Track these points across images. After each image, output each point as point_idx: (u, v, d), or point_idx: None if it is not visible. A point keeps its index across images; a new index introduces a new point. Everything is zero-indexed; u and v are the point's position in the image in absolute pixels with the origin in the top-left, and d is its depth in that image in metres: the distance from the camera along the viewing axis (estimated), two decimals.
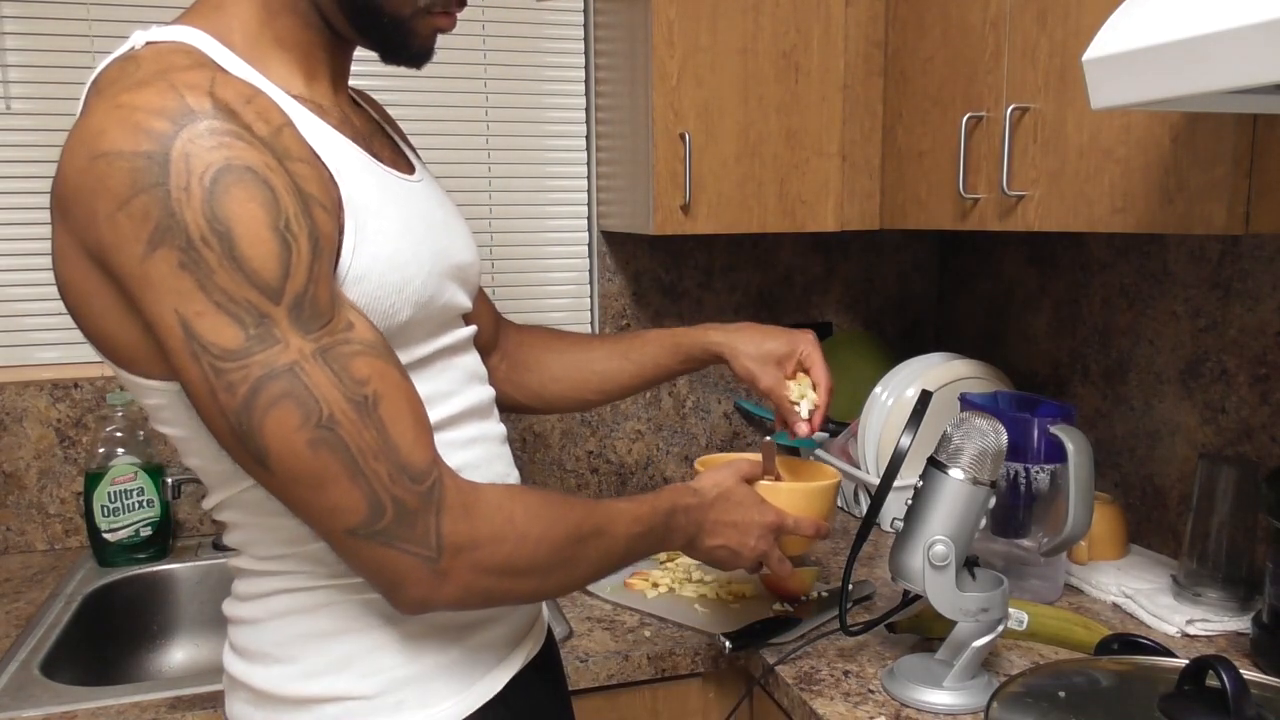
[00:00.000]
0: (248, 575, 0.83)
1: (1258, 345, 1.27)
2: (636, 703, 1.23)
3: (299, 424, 0.68)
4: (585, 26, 1.73)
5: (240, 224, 0.66)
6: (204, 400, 0.68)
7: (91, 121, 0.67)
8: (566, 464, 1.79)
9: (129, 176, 0.65)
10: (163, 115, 0.65)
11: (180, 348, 0.67)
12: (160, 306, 0.67)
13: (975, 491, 1.01)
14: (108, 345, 0.74)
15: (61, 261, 0.72)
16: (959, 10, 1.32)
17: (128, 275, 0.67)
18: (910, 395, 1.55)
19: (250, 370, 0.67)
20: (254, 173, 0.67)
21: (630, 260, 1.78)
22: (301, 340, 0.68)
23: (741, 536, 0.99)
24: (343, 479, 0.69)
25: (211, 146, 0.66)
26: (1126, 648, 1.09)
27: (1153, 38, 0.72)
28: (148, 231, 0.65)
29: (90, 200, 0.66)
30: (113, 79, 0.72)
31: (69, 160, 0.68)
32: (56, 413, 1.55)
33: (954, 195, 1.34)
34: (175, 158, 0.65)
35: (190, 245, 0.65)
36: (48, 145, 1.52)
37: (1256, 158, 0.94)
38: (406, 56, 0.87)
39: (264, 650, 0.82)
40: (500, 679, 0.87)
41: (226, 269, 0.66)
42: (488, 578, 0.75)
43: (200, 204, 0.65)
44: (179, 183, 0.65)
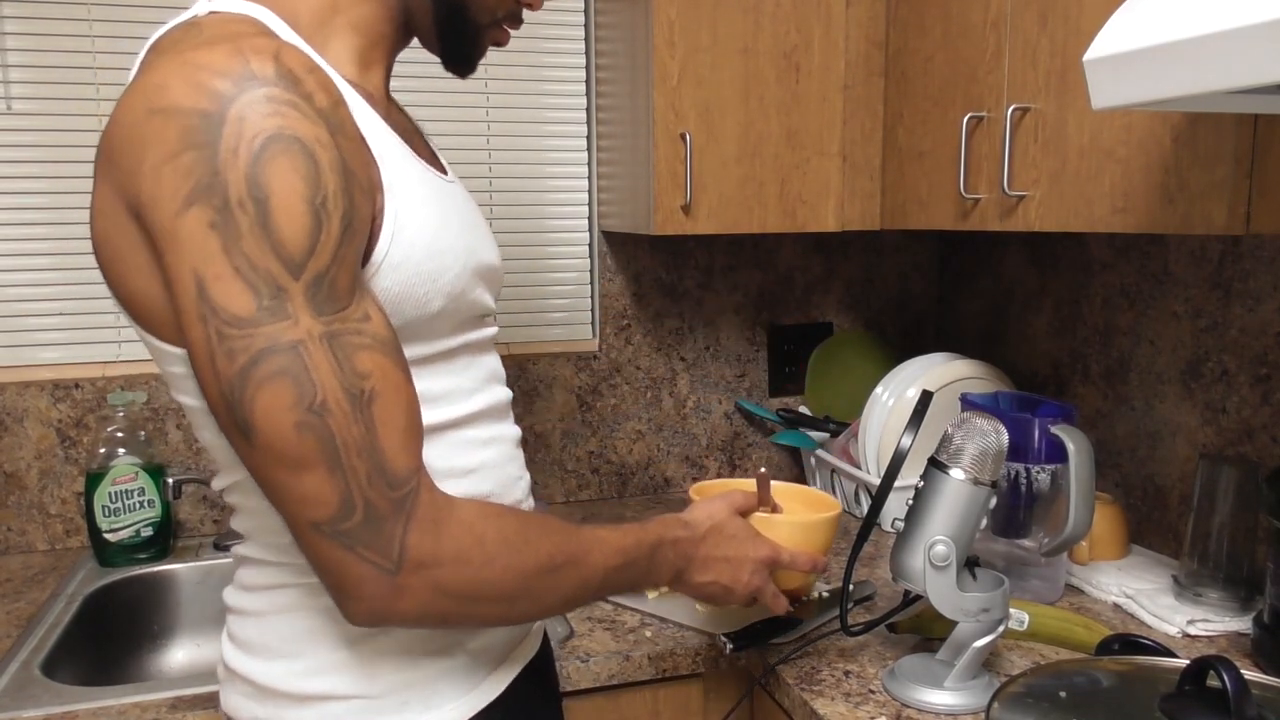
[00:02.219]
0: (254, 564, 0.82)
1: (1258, 345, 1.27)
2: (637, 703, 1.23)
3: (290, 404, 0.67)
4: (585, 26, 1.73)
5: (278, 194, 0.66)
6: (202, 364, 0.67)
7: (154, 76, 0.68)
8: (567, 464, 1.79)
9: (183, 132, 0.65)
10: (226, 76, 0.66)
11: (190, 307, 0.67)
12: (181, 264, 0.66)
13: (976, 492, 1.01)
14: (135, 306, 0.74)
15: (100, 216, 0.73)
16: (960, 10, 1.32)
17: (159, 229, 0.67)
18: (911, 395, 1.55)
19: (254, 341, 0.66)
20: (302, 145, 0.67)
21: (631, 260, 1.78)
22: (312, 321, 0.67)
23: (734, 572, 0.95)
24: (320, 468, 0.68)
25: (267, 113, 0.66)
26: (1127, 648, 1.09)
27: (1153, 38, 0.72)
28: (188, 187, 0.65)
29: (139, 151, 0.67)
30: (176, 40, 0.72)
31: (125, 112, 0.68)
32: (57, 413, 1.55)
33: (955, 195, 1.34)
34: (230, 119, 0.65)
35: (225, 206, 0.65)
36: (48, 145, 1.52)
37: (1257, 158, 0.94)
38: (465, 64, 0.91)
39: (267, 644, 0.81)
40: (499, 684, 0.87)
41: (255, 236, 0.66)
42: (446, 600, 0.73)
43: (245, 168, 0.65)
44: (229, 144, 0.65)
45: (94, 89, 1.53)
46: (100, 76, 1.53)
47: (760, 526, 1.00)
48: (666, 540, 0.90)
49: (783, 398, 1.89)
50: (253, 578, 0.83)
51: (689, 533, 0.93)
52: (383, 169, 0.75)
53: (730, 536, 0.96)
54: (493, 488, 0.85)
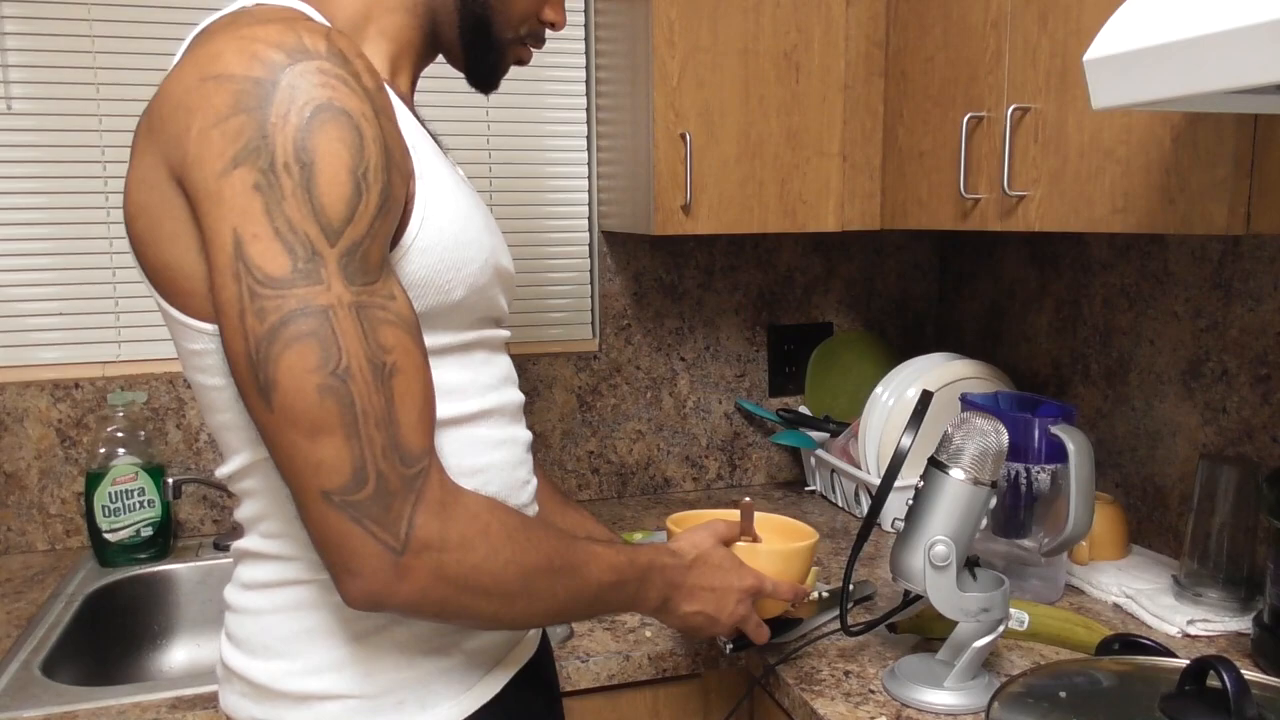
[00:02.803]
0: (256, 560, 0.82)
1: (1259, 345, 1.27)
2: (637, 703, 1.23)
3: (315, 365, 0.67)
4: (585, 26, 1.73)
5: (324, 159, 0.67)
6: (231, 322, 0.68)
7: (209, 48, 0.69)
8: (567, 464, 1.79)
9: (233, 97, 0.67)
10: (280, 48, 0.68)
11: (225, 265, 0.67)
12: (221, 223, 0.67)
13: (976, 492, 1.01)
14: (167, 276, 0.74)
15: (138, 187, 0.73)
16: (960, 10, 1.32)
17: (202, 189, 0.68)
18: (911, 395, 1.55)
19: (285, 301, 0.67)
20: (349, 117, 0.69)
21: (631, 260, 1.78)
22: (343, 288, 0.68)
23: (720, 601, 0.95)
24: (338, 434, 0.68)
25: (318, 84, 0.68)
26: (1127, 648, 1.09)
27: (1153, 38, 0.72)
28: (235, 149, 0.67)
29: (187, 117, 0.68)
30: (226, 23, 0.74)
31: (176, 81, 0.70)
32: (57, 413, 1.55)
33: (955, 195, 1.34)
34: (282, 86, 0.67)
35: (271, 168, 0.67)
36: (48, 145, 1.52)
37: (1257, 158, 0.94)
38: (488, 79, 0.95)
39: (266, 643, 0.81)
40: (496, 684, 0.87)
41: (297, 199, 0.67)
42: (447, 587, 0.72)
43: (294, 132, 0.67)
44: (279, 110, 0.67)
45: (94, 89, 1.53)
46: (100, 76, 1.53)
47: (743, 556, 0.99)
48: (656, 566, 0.90)
49: (783, 398, 1.89)
50: (253, 574, 0.82)
51: (676, 561, 0.93)
52: (414, 157, 0.76)
53: (716, 566, 0.96)
54: (499, 489, 0.85)
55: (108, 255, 1.57)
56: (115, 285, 1.57)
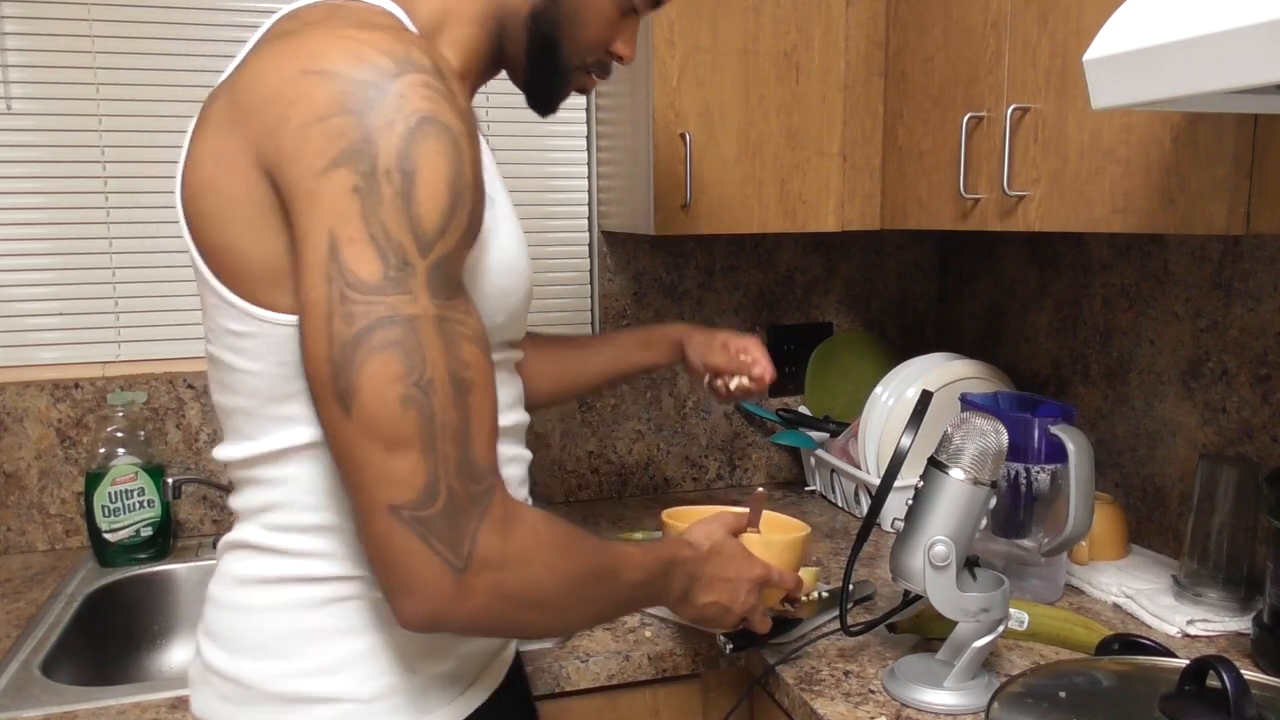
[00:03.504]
0: (255, 553, 0.80)
1: (1259, 345, 1.27)
2: (637, 703, 1.23)
3: (399, 375, 0.67)
4: None
5: (425, 170, 0.67)
6: (316, 323, 0.67)
7: (309, 44, 0.69)
8: (567, 464, 1.79)
9: (338, 96, 0.67)
10: (389, 55, 0.68)
11: (318, 264, 0.67)
12: (316, 223, 0.67)
13: (976, 492, 1.01)
14: (226, 257, 0.73)
15: (209, 162, 0.72)
16: (960, 10, 1.32)
17: (296, 186, 0.68)
18: (911, 395, 1.55)
19: (375, 309, 0.66)
20: (451, 133, 0.69)
21: (631, 260, 1.78)
22: (429, 301, 0.68)
23: (733, 592, 0.97)
24: (415, 447, 0.67)
25: (425, 96, 0.68)
26: (1127, 648, 1.09)
27: (1153, 38, 0.72)
28: (337, 149, 0.66)
29: (284, 109, 0.68)
30: (323, 17, 0.74)
31: (270, 70, 0.69)
32: (57, 413, 1.55)
33: (955, 195, 1.34)
34: (391, 93, 0.67)
35: (373, 173, 0.66)
36: (48, 145, 1.52)
37: (1257, 158, 0.94)
38: (547, 102, 0.96)
39: (260, 643, 0.79)
40: (486, 689, 0.87)
41: (395, 206, 0.67)
42: (505, 604, 0.72)
43: (399, 140, 0.67)
44: (386, 115, 0.67)
45: (94, 89, 1.53)
46: (100, 76, 1.53)
47: (750, 546, 1.02)
48: (678, 560, 0.92)
49: (783, 398, 1.89)
50: (249, 568, 0.80)
51: (694, 553, 0.95)
52: (487, 180, 0.77)
53: (730, 557, 0.98)
54: None
55: (108, 255, 1.57)
56: (115, 285, 1.57)
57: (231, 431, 0.81)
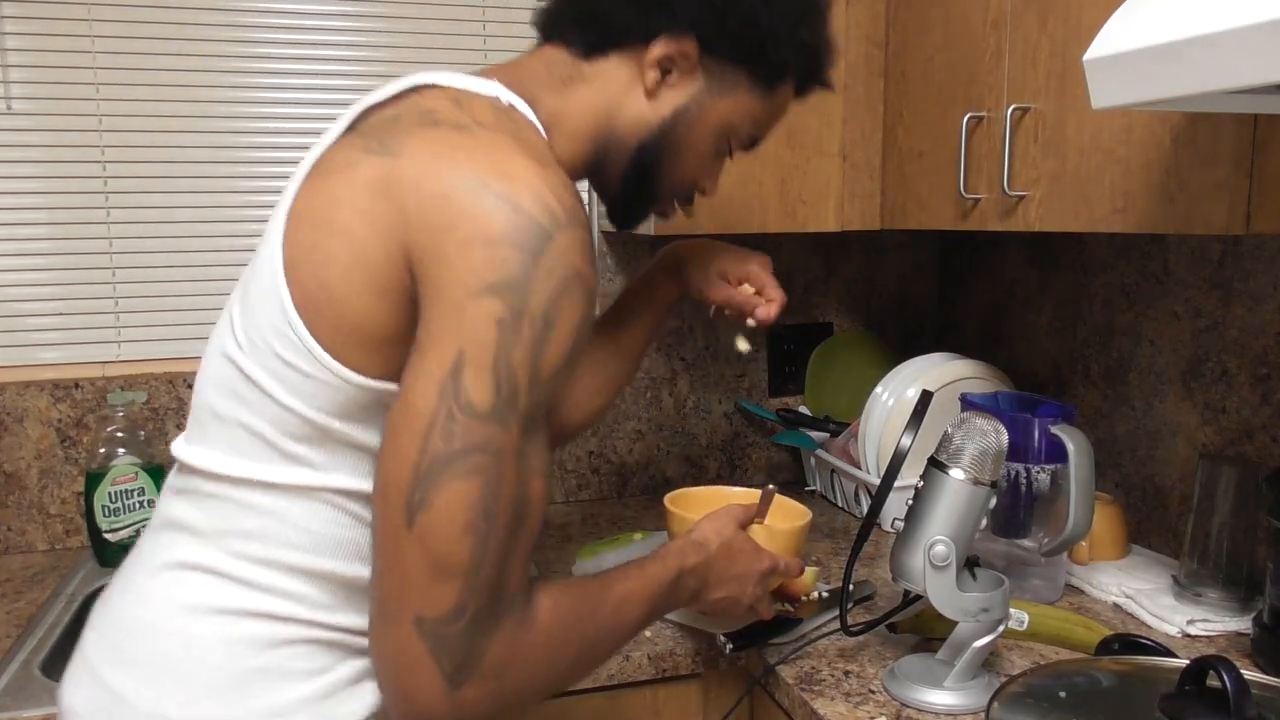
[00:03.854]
0: (213, 578, 0.75)
1: (1259, 345, 1.27)
2: (637, 703, 1.23)
3: (472, 503, 0.69)
4: None
5: (563, 324, 0.71)
6: (414, 430, 0.69)
7: (495, 159, 0.71)
8: (567, 464, 1.79)
9: (514, 230, 0.69)
10: (563, 205, 0.71)
11: (437, 376, 0.69)
12: (450, 337, 0.69)
13: (976, 492, 1.01)
14: (318, 297, 0.73)
15: (352, 213, 0.72)
16: (960, 10, 1.32)
17: (442, 295, 0.69)
18: (911, 395, 1.55)
19: (474, 435, 0.68)
20: (589, 291, 0.73)
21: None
22: (519, 435, 0.71)
23: (743, 586, 1.00)
24: (459, 575, 0.69)
25: (582, 253, 0.72)
26: (1127, 648, 1.09)
27: (1153, 38, 0.72)
28: (495, 277, 0.68)
29: (454, 215, 0.69)
30: (493, 120, 0.77)
31: (447, 169, 0.71)
32: (57, 413, 1.55)
33: (955, 195, 1.34)
34: (559, 243, 0.70)
35: (520, 312, 0.69)
36: (48, 145, 1.52)
37: (1257, 157, 0.94)
38: (630, 220, 0.99)
39: (201, 678, 0.74)
40: None
41: (526, 348, 0.70)
42: (500, 703, 0.73)
43: (552, 289, 0.70)
44: (549, 264, 0.70)
45: (94, 89, 1.53)
46: (100, 76, 1.53)
47: (757, 537, 1.05)
48: (686, 569, 0.94)
49: (783, 398, 1.89)
50: (202, 596, 0.75)
51: (703, 555, 0.97)
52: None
53: (739, 552, 1.00)
54: None
55: (107, 255, 1.57)
56: (115, 285, 1.57)
57: (222, 440, 0.77)
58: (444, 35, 1.66)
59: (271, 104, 1.61)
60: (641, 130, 0.89)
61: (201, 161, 1.58)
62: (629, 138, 0.90)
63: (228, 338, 0.78)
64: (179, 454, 0.80)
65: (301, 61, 1.61)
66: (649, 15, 0.86)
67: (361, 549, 0.77)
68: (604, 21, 0.87)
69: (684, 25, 0.86)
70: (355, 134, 0.80)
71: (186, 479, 0.80)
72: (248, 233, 1.62)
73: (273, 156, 1.62)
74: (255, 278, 0.77)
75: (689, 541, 0.97)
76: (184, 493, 0.79)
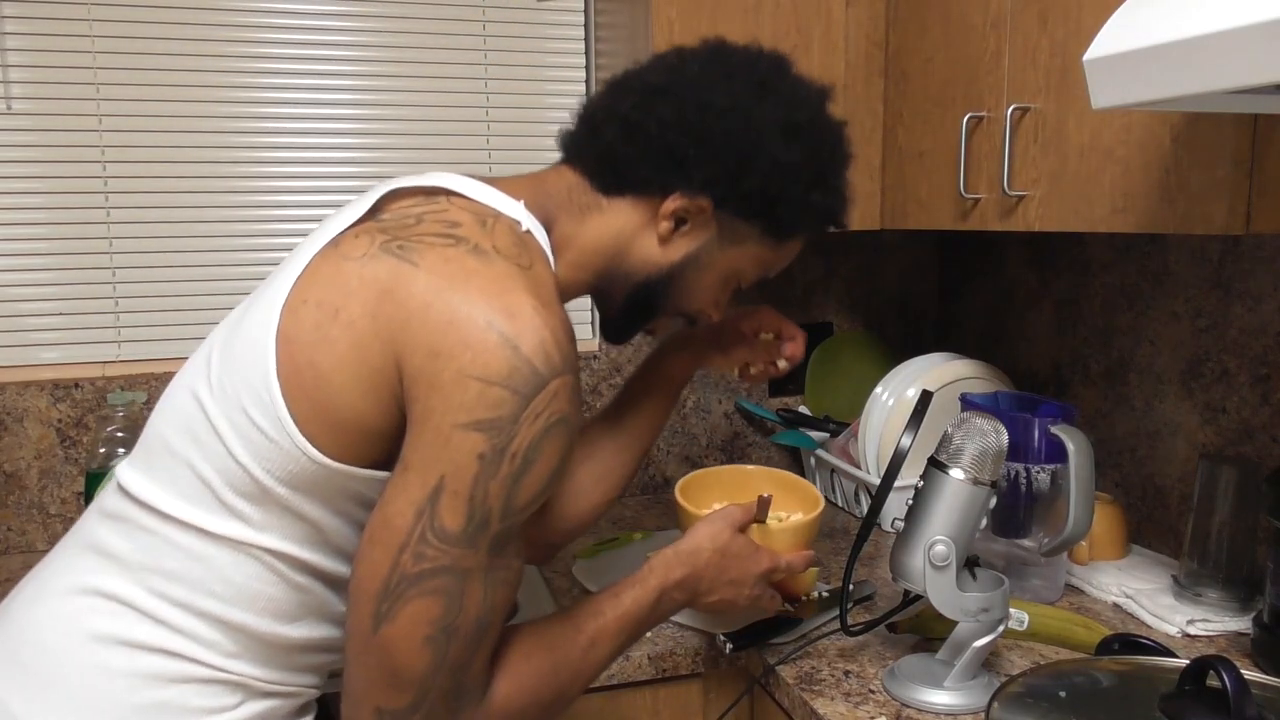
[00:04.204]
0: (126, 610, 0.76)
1: (1258, 345, 1.27)
2: (637, 703, 1.23)
3: (434, 619, 0.72)
4: (585, 26, 1.73)
5: (541, 464, 0.74)
6: (388, 546, 0.72)
7: (503, 295, 0.73)
8: None
9: (510, 372, 0.71)
10: (561, 352, 0.74)
11: (415, 497, 0.71)
12: (433, 464, 0.71)
13: (976, 492, 1.01)
14: (306, 376, 0.74)
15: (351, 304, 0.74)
16: (960, 10, 1.32)
17: (430, 420, 0.71)
18: (911, 395, 1.55)
19: (442, 558, 0.72)
20: (572, 431, 0.75)
21: None
22: (487, 556, 0.74)
23: (737, 590, 1.00)
24: (416, 682, 0.73)
25: (570, 399, 0.75)
26: (1127, 648, 1.09)
27: (1153, 38, 0.72)
28: (485, 414, 0.70)
29: (454, 345, 0.71)
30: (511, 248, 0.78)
31: (459, 299, 0.72)
32: (57, 413, 1.55)
33: (955, 195, 1.34)
34: (551, 389, 0.73)
35: (502, 451, 0.71)
36: (48, 145, 1.52)
37: (1257, 157, 0.94)
38: (623, 338, 1.01)
39: (102, 708, 0.74)
40: None
41: (503, 482, 0.72)
42: None
43: (535, 433, 0.72)
44: (536, 408, 0.72)
45: (94, 89, 1.53)
46: (100, 76, 1.53)
47: (757, 536, 1.04)
48: (669, 586, 0.94)
49: (783, 398, 1.89)
50: (112, 626, 0.75)
51: (690, 568, 0.96)
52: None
53: (735, 556, 1.00)
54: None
55: (107, 255, 1.57)
56: (115, 285, 1.57)
57: (166, 476, 0.77)
58: (444, 35, 1.66)
59: (271, 104, 1.61)
60: (650, 269, 0.92)
61: (201, 161, 1.58)
62: (636, 273, 0.92)
63: (200, 377, 0.79)
64: (122, 478, 0.80)
65: (301, 61, 1.61)
66: (665, 173, 0.88)
67: (279, 607, 0.78)
68: (621, 171, 0.89)
69: (698, 185, 0.88)
70: (377, 222, 0.81)
71: (122, 503, 0.79)
72: (247, 233, 1.62)
73: (272, 156, 1.62)
74: (244, 329, 0.78)
75: (674, 556, 0.97)
76: (116, 518, 0.79)
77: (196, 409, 0.77)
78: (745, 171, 0.87)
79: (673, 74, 0.89)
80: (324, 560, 0.79)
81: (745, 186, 0.88)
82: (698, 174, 0.87)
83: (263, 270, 1.63)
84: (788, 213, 0.91)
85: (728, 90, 0.87)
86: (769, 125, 0.87)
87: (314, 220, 1.65)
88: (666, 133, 0.86)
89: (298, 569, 0.78)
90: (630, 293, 0.93)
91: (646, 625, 0.92)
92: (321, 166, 1.64)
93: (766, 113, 0.87)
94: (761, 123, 0.87)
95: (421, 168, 1.69)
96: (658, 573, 0.94)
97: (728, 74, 0.88)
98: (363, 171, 1.66)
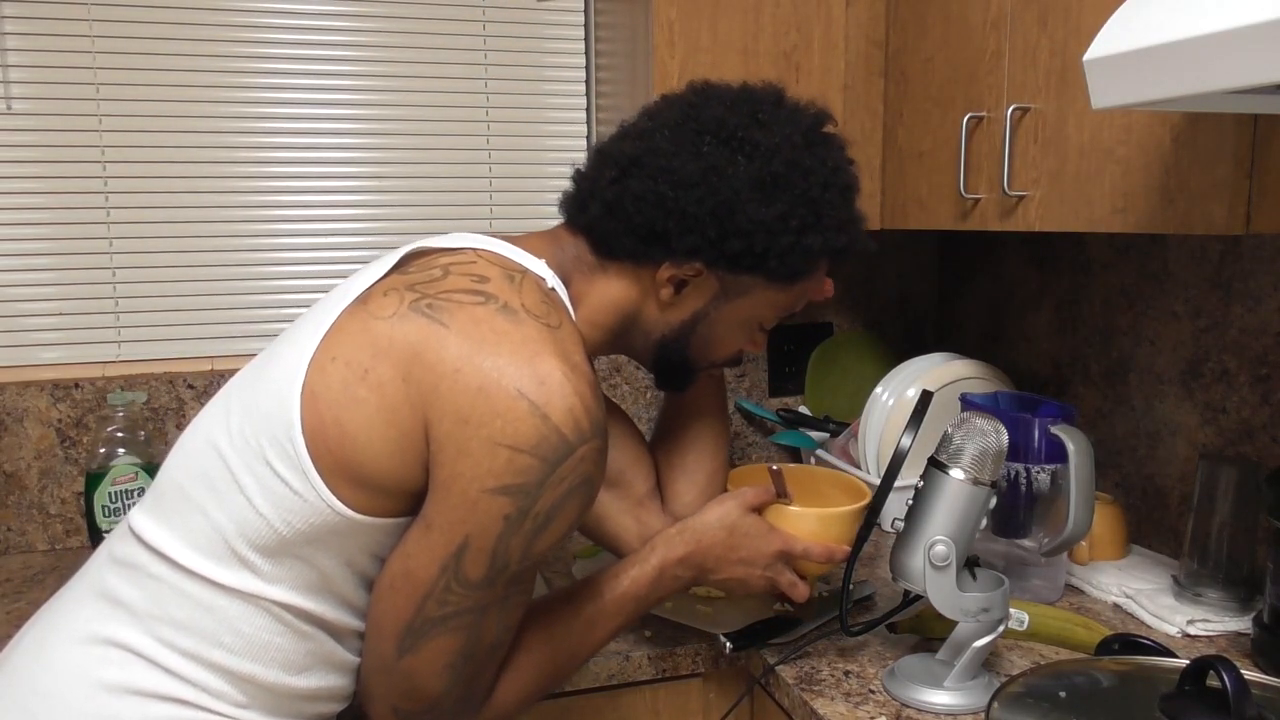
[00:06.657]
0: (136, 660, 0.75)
1: (1259, 345, 1.27)
2: (637, 703, 1.23)
3: (455, 649, 0.78)
4: (585, 26, 1.73)
5: (561, 523, 0.77)
6: (412, 594, 0.75)
7: (536, 361, 0.74)
8: None
9: (539, 439, 0.73)
10: (590, 417, 0.75)
11: (440, 553, 0.74)
12: (459, 524, 0.74)
13: (976, 492, 1.01)
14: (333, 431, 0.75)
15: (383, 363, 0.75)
16: (960, 10, 1.32)
17: (458, 483, 0.73)
18: (911, 395, 1.55)
19: (464, 602, 0.76)
20: (593, 487, 0.78)
21: None
22: (505, 590, 0.78)
23: (748, 569, 1.01)
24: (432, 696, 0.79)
25: (594, 462, 0.77)
26: (1127, 648, 1.09)
27: (1153, 38, 0.72)
28: (511, 480, 0.73)
29: (484, 412, 0.72)
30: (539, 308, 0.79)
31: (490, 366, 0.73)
32: (57, 413, 1.55)
33: (955, 195, 1.34)
34: (576, 457, 0.75)
35: (526, 513, 0.75)
36: (48, 145, 1.52)
37: (1257, 158, 0.94)
38: (675, 389, 1.03)
39: None
40: None
41: (525, 539, 0.76)
42: None
43: (559, 496, 0.75)
44: (562, 474, 0.75)
45: (94, 89, 1.53)
46: (100, 76, 1.53)
47: (777, 518, 1.04)
48: (669, 563, 0.96)
49: (782, 398, 1.89)
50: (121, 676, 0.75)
51: (693, 545, 0.98)
52: None
53: (744, 534, 1.00)
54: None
55: (107, 255, 1.57)
56: (115, 285, 1.57)
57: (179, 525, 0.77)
58: (444, 35, 1.67)
59: (271, 104, 1.61)
60: (663, 328, 0.94)
61: (201, 161, 1.59)
62: (651, 333, 0.94)
63: (218, 427, 0.78)
64: (134, 523, 0.80)
65: (301, 62, 1.61)
66: (649, 246, 0.89)
67: (288, 657, 0.79)
68: (611, 244, 0.90)
69: (683, 255, 0.88)
70: (404, 276, 0.81)
71: (133, 549, 0.79)
72: (247, 233, 1.62)
73: (272, 156, 1.62)
74: (267, 382, 0.78)
75: (678, 535, 0.98)
76: (127, 565, 0.79)
77: (215, 458, 0.77)
78: (726, 235, 0.87)
79: (644, 142, 0.89)
80: (328, 610, 0.80)
81: (730, 249, 0.88)
82: (680, 245, 0.88)
83: (262, 270, 1.64)
84: (783, 262, 0.91)
85: (696, 155, 0.86)
86: (743, 185, 0.86)
87: (314, 220, 1.65)
88: (643, 209, 0.87)
89: (304, 619, 0.79)
90: (653, 351, 0.96)
91: (648, 603, 0.94)
92: (321, 166, 1.65)
93: (739, 173, 0.86)
94: (735, 184, 0.86)
95: (421, 167, 1.69)
96: (659, 550, 0.96)
97: (697, 135, 0.87)
98: (362, 171, 1.66)
